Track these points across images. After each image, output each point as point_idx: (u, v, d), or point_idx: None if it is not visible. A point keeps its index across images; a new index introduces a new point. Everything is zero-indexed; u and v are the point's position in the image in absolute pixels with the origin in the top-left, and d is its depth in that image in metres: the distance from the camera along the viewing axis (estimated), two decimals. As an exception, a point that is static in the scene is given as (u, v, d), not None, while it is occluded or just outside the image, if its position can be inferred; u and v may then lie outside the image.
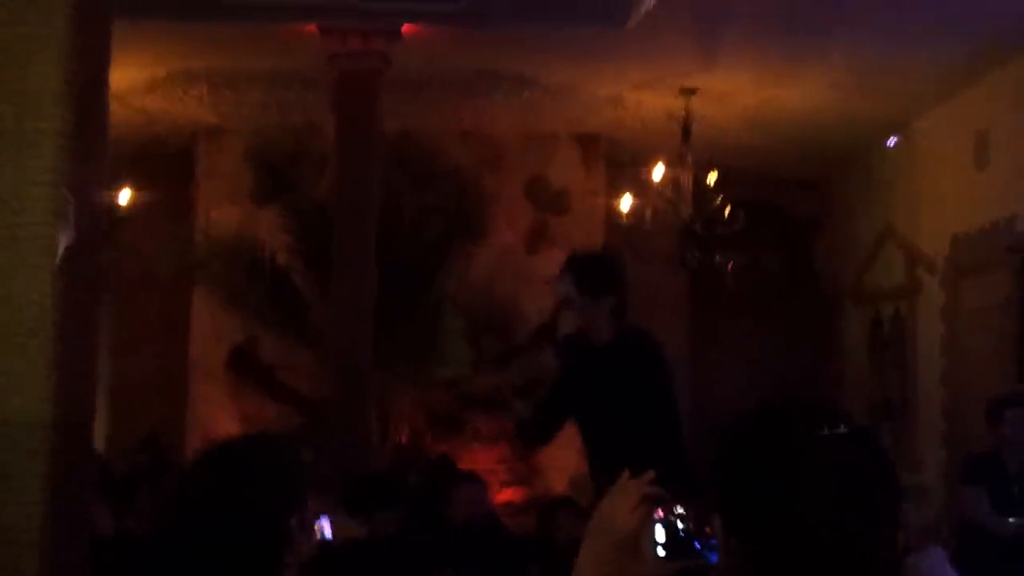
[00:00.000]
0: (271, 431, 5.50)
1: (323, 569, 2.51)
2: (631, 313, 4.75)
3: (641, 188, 8.93)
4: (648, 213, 8.86)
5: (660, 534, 1.59)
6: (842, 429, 1.52)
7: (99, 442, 10.23)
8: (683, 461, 4.65)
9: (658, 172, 8.58)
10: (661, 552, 1.59)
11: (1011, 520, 6.47)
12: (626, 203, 8.97)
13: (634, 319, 9.63)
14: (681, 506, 1.61)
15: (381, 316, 7.47)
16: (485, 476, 8.91)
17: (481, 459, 9.48)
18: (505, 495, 9.34)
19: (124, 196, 8.76)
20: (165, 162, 10.15)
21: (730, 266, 9.28)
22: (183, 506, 2.29)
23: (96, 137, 2.94)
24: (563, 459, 9.36)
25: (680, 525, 1.59)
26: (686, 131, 8.55)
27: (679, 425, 4.71)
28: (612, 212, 9.58)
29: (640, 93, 8.68)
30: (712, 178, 8.69)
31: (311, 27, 7.24)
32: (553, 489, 9.10)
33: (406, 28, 7.26)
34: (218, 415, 9.59)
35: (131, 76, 8.40)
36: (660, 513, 1.60)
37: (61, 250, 2.64)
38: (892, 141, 9.61)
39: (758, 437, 1.57)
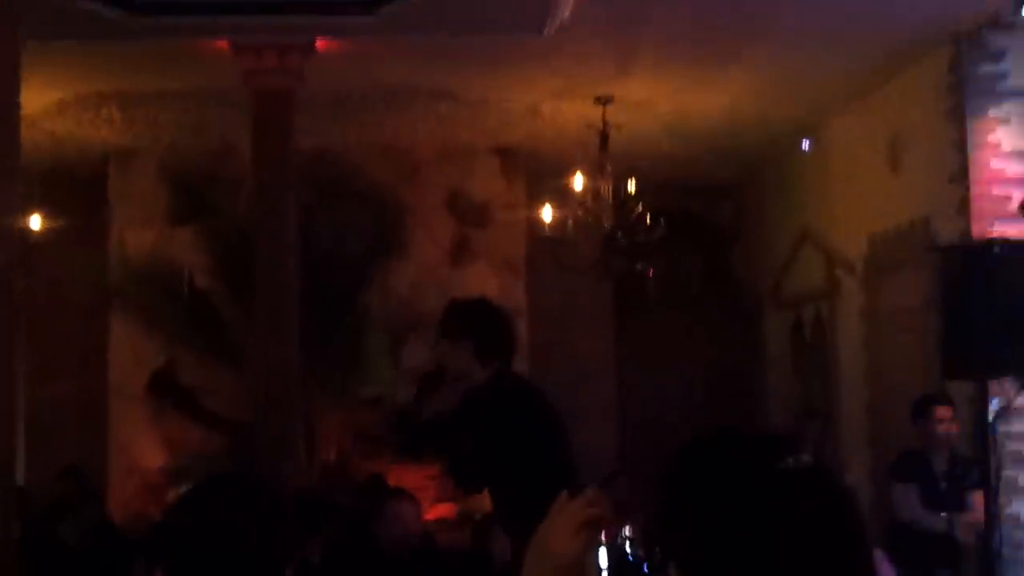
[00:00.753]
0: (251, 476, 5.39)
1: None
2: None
3: (562, 198, 8.92)
4: (570, 223, 8.86)
5: (604, 559, 1.50)
6: (805, 459, 1.34)
7: (17, 472, 10.02)
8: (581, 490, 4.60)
9: (578, 182, 8.58)
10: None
11: (943, 515, 6.57)
12: (547, 214, 8.95)
13: (560, 329, 9.70)
14: (628, 527, 1.51)
15: (304, 335, 7.37)
16: (415, 493, 8.85)
17: (410, 476, 9.37)
18: (436, 511, 9.26)
19: (35, 221, 8.56)
20: (77, 185, 9.97)
21: (650, 273, 9.31)
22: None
23: (6, 162, 2.85)
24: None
25: (628, 549, 1.50)
26: (604, 140, 8.57)
27: (571, 459, 4.54)
28: (534, 223, 9.56)
29: (557, 103, 8.68)
30: (631, 186, 8.71)
31: (224, 44, 7.13)
32: (484, 504, 9.03)
33: (321, 43, 7.19)
34: (140, 439, 9.43)
35: (39, 99, 8.22)
36: (604, 537, 1.50)
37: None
38: (806, 144, 9.71)
39: (709, 475, 1.37)
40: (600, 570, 1.46)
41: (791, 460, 1.33)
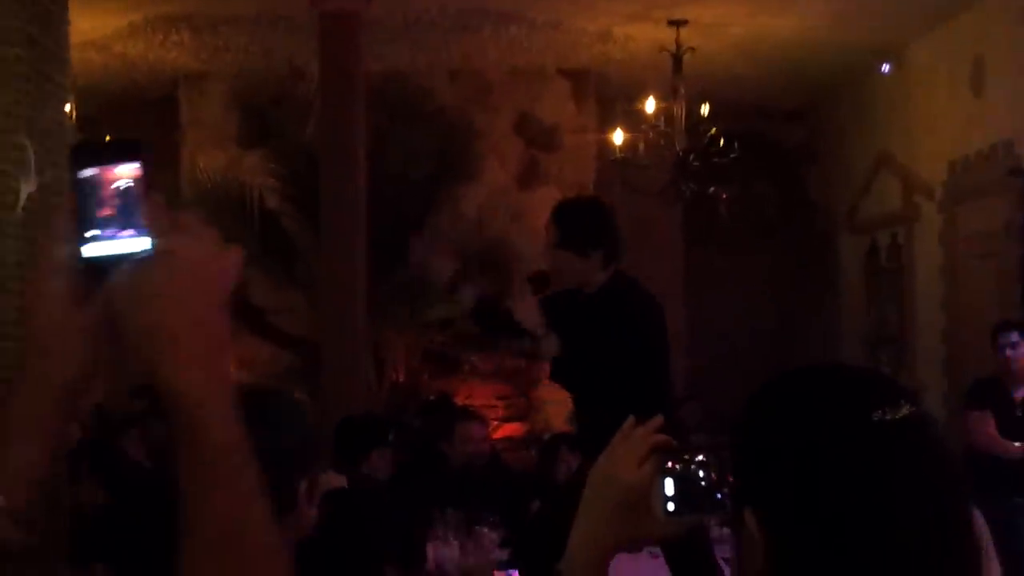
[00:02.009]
0: (284, 390, 5.40)
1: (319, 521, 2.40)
2: (625, 249, 4.69)
3: (633, 122, 8.81)
4: (641, 147, 8.75)
5: (670, 487, 1.41)
6: (904, 410, 1.23)
7: (96, 390, 10.21)
8: (670, 413, 4.58)
9: (650, 105, 8.46)
10: (671, 507, 1.39)
11: (1017, 444, 6.48)
12: (618, 137, 8.85)
13: (629, 253, 9.57)
14: (700, 454, 1.42)
15: (373, 257, 7.39)
16: (483, 412, 8.91)
17: (479, 395, 9.46)
18: (504, 431, 9.32)
19: (108, 143, 8.61)
20: (148, 108, 10.02)
21: (724, 197, 9.20)
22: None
23: (55, 80, 2.82)
24: (562, 394, 9.33)
25: (701, 474, 1.41)
26: (677, 63, 8.42)
27: (667, 378, 4.62)
28: (604, 147, 9.47)
29: (629, 26, 8.53)
30: (704, 110, 8.58)
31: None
32: (552, 424, 9.07)
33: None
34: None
35: (109, 22, 8.26)
36: (671, 465, 1.40)
37: (23, 198, 2.51)
38: (885, 68, 9.48)
39: (800, 421, 1.27)
40: (666, 498, 1.37)
41: (888, 410, 1.23)
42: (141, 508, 3.75)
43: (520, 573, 4.79)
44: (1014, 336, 6.62)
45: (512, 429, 9.21)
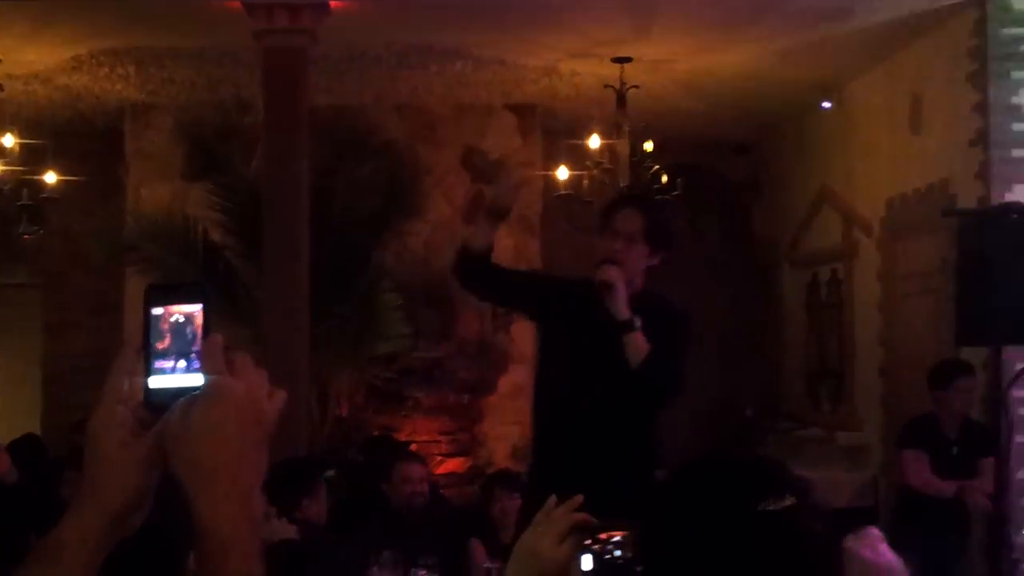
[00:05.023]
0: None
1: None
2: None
3: (578, 157, 8.88)
4: (585, 182, 8.83)
5: (587, 563, 1.50)
6: (787, 501, 1.37)
7: (35, 423, 10.15)
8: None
9: (594, 141, 8.53)
10: None
11: (951, 483, 6.57)
12: (563, 174, 8.92)
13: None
14: (618, 533, 1.51)
15: (317, 293, 7.38)
16: (427, 448, 8.93)
17: (422, 431, 9.46)
18: (447, 466, 9.32)
19: (50, 177, 8.57)
20: (93, 139, 9.99)
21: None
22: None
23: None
24: (506, 429, 9.38)
25: (618, 553, 1.49)
26: (621, 99, 8.51)
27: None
28: (550, 182, 9.53)
29: (574, 63, 8.61)
30: (648, 145, 8.66)
31: (236, 3, 7.09)
32: (495, 460, 9.09)
33: (334, 2, 7.14)
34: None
35: (54, 54, 8.25)
36: (589, 542, 1.50)
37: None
38: (826, 104, 9.62)
39: (693, 509, 1.42)
40: (583, 574, 1.46)
41: (772, 501, 1.36)
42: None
43: None
44: (973, 382, 6.69)
45: (455, 464, 9.22)
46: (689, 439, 9.88)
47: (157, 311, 1.25)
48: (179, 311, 1.25)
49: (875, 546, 3.47)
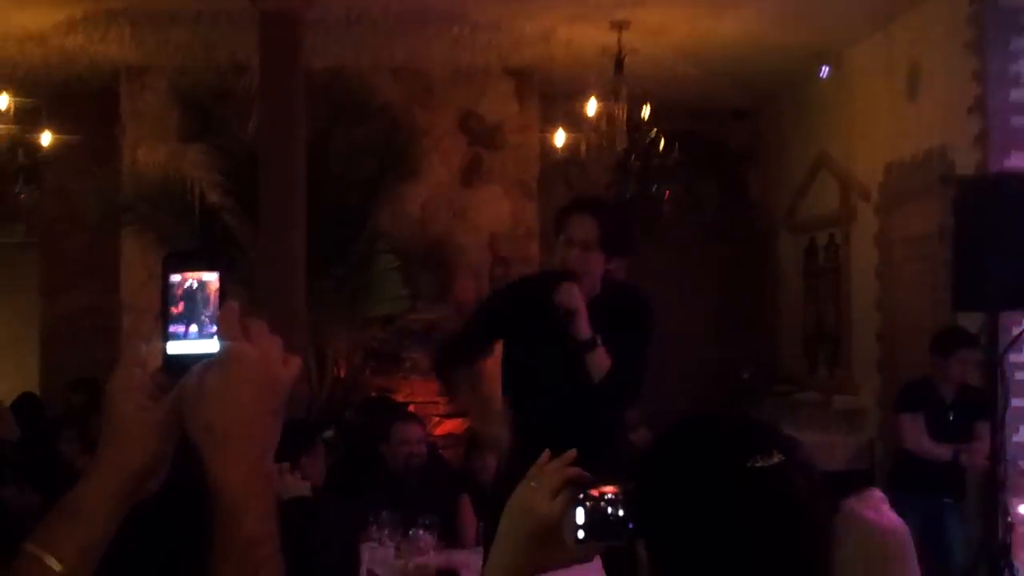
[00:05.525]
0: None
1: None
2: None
3: (575, 122, 8.86)
4: (583, 147, 8.81)
5: (580, 516, 1.51)
6: (775, 458, 1.41)
7: (32, 383, 10.17)
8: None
9: (591, 107, 8.51)
10: (581, 534, 1.50)
11: (947, 447, 6.62)
12: (560, 138, 8.90)
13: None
14: (610, 488, 1.52)
15: (314, 255, 7.38)
16: (425, 409, 8.94)
17: (420, 392, 9.48)
18: (444, 428, 9.35)
19: (46, 137, 8.55)
20: (89, 101, 9.94)
21: (666, 196, 9.27)
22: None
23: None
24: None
25: (610, 510, 1.51)
26: (619, 64, 8.48)
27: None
28: (547, 146, 9.52)
29: (572, 27, 8.57)
30: (646, 111, 8.64)
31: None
32: (488, 421, 9.10)
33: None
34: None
35: (48, 16, 8.20)
36: (581, 497, 1.51)
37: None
38: (824, 71, 9.59)
39: (685, 465, 1.45)
40: (577, 527, 1.48)
41: (760, 458, 1.40)
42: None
43: None
44: (975, 353, 6.71)
45: (453, 425, 9.23)
46: (685, 402, 9.92)
47: (175, 278, 1.27)
48: (196, 278, 1.27)
49: (878, 507, 3.50)
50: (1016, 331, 6.51)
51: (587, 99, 8.50)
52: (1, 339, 10.95)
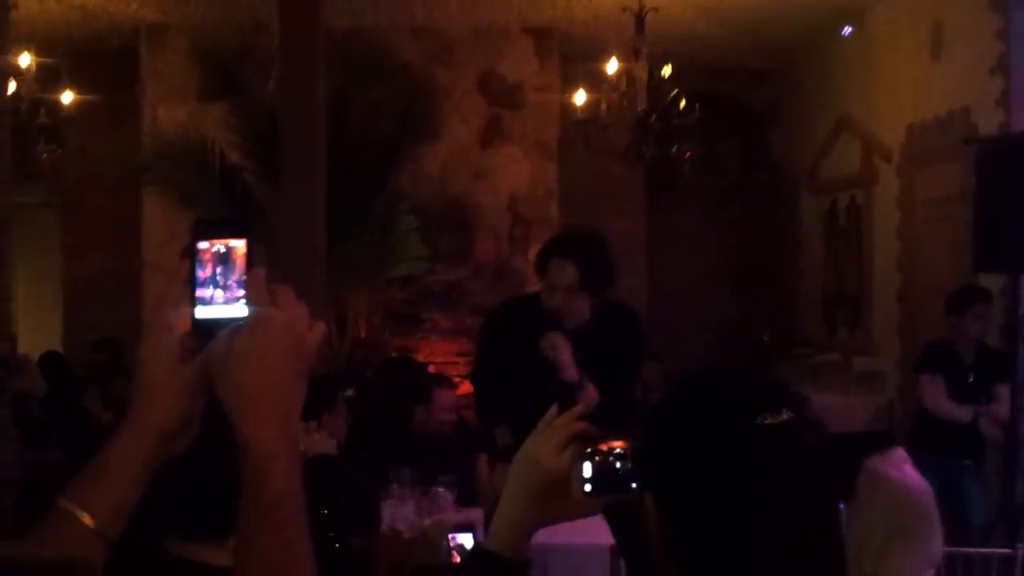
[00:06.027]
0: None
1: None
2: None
3: (596, 81, 8.81)
4: (603, 107, 8.76)
5: (588, 470, 1.53)
6: (784, 415, 1.42)
7: (56, 342, 10.25)
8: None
9: (611, 66, 8.46)
10: (588, 488, 1.53)
11: (967, 408, 6.61)
12: (580, 98, 8.86)
13: (591, 213, 9.57)
14: (618, 443, 1.54)
15: (334, 216, 7.39)
16: (444, 369, 8.98)
17: (439, 352, 9.51)
18: (464, 388, 9.36)
19: (67, 96, 8.55)
20: (109, 60, 9.95)
21: (686, 156, 9.23)
22: None
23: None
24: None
25: (617, 464, 1.53)
26: (639, 23, 8.41)
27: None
28: (567, 106, 9.48)
29: (593, -17, 8.52)
30: (667, 70, 8.58)
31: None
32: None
33: (351, -80, 7.07)
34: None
35: (69, -28, 8.19)
36: (589, 451, 1.53)
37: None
38: (847, 30, 9.52)
39: (693, 421, 1.47)
40: (584, 480, 1.52)
41: (768, 415, 1.41)
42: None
43: None
44: (990, 308, 6.70)
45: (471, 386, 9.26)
46: (705, 363, 9.91)
47: (203, 244, 1.30)
48: (224, 244, 1.29)
49: (900, 466, 3.49)
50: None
51: (607, 58, 8.44)
52: (24, 299, 11.01)
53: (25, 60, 7.99)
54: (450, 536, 4.42)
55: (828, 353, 9.79)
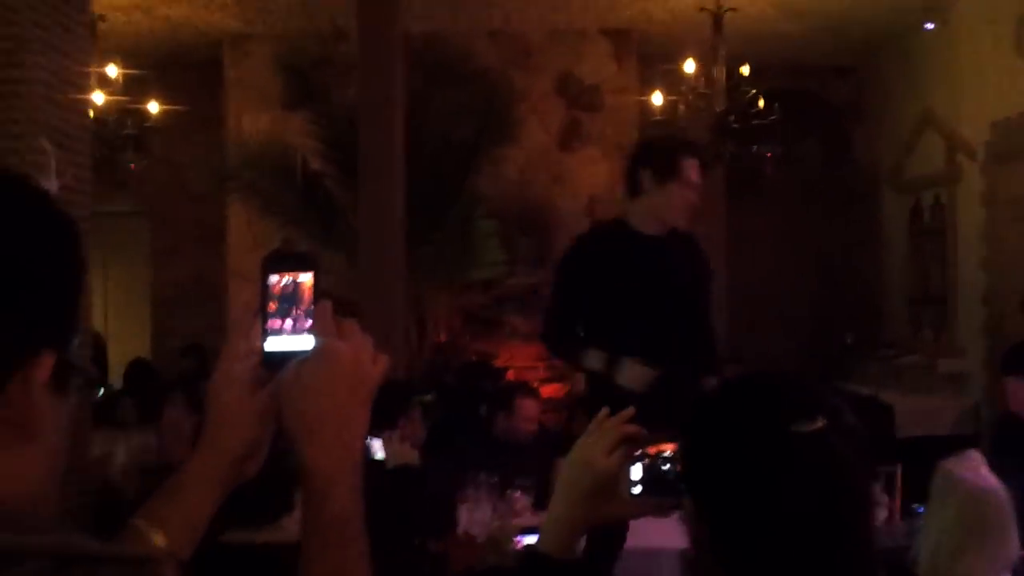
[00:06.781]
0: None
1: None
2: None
3: (673, 82, 8.79)
4: (681, 108, 8.73)
5: (636, 472, 1.56)
6: (819, 423, 1.43)
7: (144, 348, 10.47)
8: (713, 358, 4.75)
9: (689, 66, 8.43)
10: (637, 490, 1.56)
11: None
12: (658, 99, 8.84)
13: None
14: (668, 447, 1.57)
15: (414, 221, 7.46)
16: (524, 374, 9.00)
17: (519, 357, 9.54)
18: (544, 392, 9.39)
19: (153, 106, 8.74)
20: (193, 70, 10.14)
21: (768, 156, 9.17)
22: None
23: (77, 84, 2.90)
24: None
25: (666, 467, 1.56)
26: (717, 22, 8.38)
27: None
28: (645, 108, 9.46)
29: (669, -15, 8.50)
30: (745, 70, 8.53)
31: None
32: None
33: (428, -73, 7.13)
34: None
35: (153, -15, 8.35)
36: (639, 453, 1.57)
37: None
38: (929, 25, 9.38)
39: (728, 427, 1.49)
40: (633, 482, 1.55)
41: (804, 423, 1.42)
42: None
43: None
44: None
45: (552, 390, 9.28)
46: (788, 365, 9.84)
47: (273, 278, 1.35)
48: (293, 277, 1.35)
49: (976, 469, 3.45)
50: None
51: (685, 59, 8.41)
52: (114, 305, 11.25)
53: (112, 71, 8.18)
54: (517, 539, 4.45)
55: (913, 355, 9.66)
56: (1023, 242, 7.96)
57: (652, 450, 1.56)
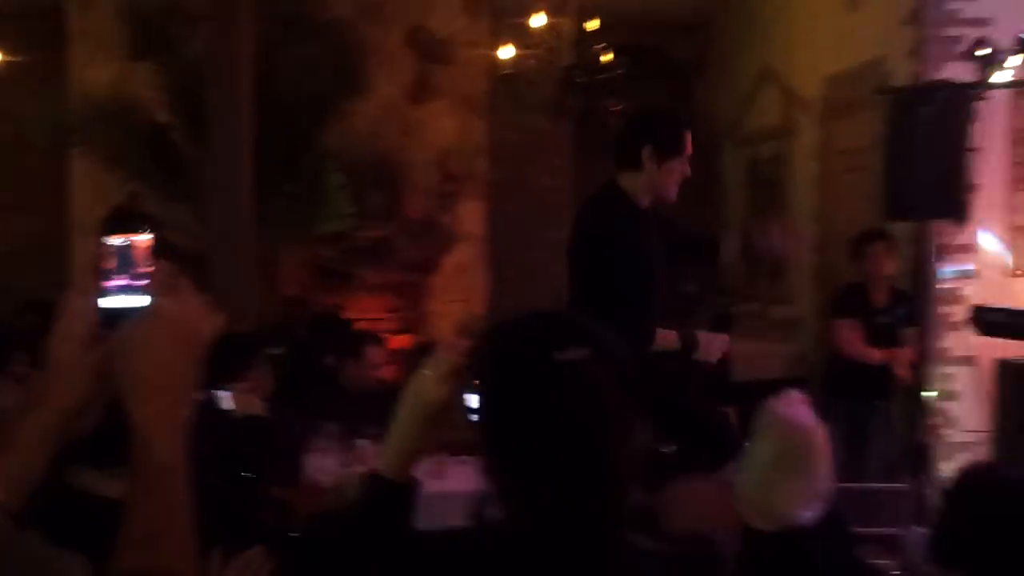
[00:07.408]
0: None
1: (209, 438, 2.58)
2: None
3: (524, 37, 8.89)
4: (532, 62, 8.85)
5: (473, 400, 1.68)
6: (583, 351, 1.57)
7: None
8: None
9: (538, 20, 8.55)
10: (475, 417, 1.68)
11: (879, 351, 6.86)
12: (507, 53, 8.94)
13: (519, 169, 9.63)
14: None
15: (263, 173, 7.44)
16: (372, 325, 9.07)
17: (369, 308, 9.60)
18: (393, 343, 9.48)
19: (-7, 58, 8.51)
20: (34, 19, 9.86)
21: (614, 111, 9.34)
22: None
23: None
24: (449, 308, 9.57)
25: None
26: (566, -23, 8.51)
27: None
28: (496, 61, 9.55)
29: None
30: (592, 24, 8.69)
31: None
32: (439, 337, 9.26)
33: None
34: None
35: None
36: (476, 383, 1.68)
37: None
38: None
39: (502, 355, 1.64)
40: (469, 410, 1.69)
41: (568, 351, 1.56)
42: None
43: None
44: (879, 246, 6.97)
45: (401, 341, 9.37)
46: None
47: (111, 238, 1.44)
48: (131, 237, 1.44)
49: (793, 405, 3.67)
50: (944, 239, 6.72)
51: (535, 13, 8.51)
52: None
53: None
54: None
55: (749, 303, 10.00)
56: (854, 193, 8.29)
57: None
